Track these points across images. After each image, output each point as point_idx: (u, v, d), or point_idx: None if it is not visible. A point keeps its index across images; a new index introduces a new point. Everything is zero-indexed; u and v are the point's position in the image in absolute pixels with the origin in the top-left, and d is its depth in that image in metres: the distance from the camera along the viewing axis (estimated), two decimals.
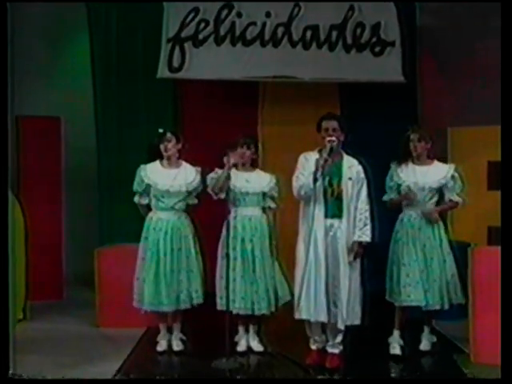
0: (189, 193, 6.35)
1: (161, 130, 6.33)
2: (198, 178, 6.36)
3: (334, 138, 5.98)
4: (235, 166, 6.20)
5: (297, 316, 6.00)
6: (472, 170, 7.38)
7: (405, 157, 6.32)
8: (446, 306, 6.21)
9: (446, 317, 6.49)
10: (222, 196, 6.15)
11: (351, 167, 6.06)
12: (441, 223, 6.28)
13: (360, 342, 6.19)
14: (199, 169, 6.38)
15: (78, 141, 8.43)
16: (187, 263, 6.28)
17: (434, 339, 6.39)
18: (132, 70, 8.15)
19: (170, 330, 6.41)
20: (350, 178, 6.01)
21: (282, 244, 6.41)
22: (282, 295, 6.27)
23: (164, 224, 6.27)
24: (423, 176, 6.27)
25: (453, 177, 6.29)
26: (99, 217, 8.19)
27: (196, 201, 6.40)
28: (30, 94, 7.53)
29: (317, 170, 5.86)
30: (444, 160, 6.99)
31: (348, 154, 6.14)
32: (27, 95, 6.65)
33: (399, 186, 6.30)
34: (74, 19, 8.38)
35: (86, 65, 8.34)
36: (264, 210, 6.36)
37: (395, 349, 6.28)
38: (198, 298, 6.29)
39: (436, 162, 6.35)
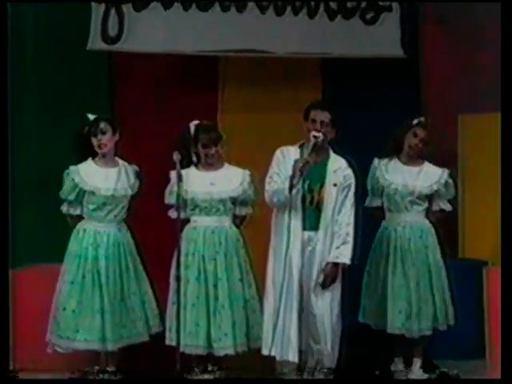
0: (132, 197, 6.39)
1: (91, 117, 6.30)
2: (137, 179, 6.40)
3: (320, 134, 5.94)
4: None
5: (264, 351, 6.06)
6: (488, 166, 7.31)
7: (395, 151, 6.43)
8: (442, 328, 6.41)
9: (453, 356, 6.60)
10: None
11: (337, 170, 6.08)
12: (433, 231, 6.44)
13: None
14: (137, 168, 6.42)
15: None
16: (135, 287, 6.35)
17: (425, 376, 6.46)
18: (54, 41, 7.72)
19: (103, 373, 6.39)
20: (335, 185, 6.04)
21: (258, 260, 6.42)
22: (257, 334, 6.17)
23: (104, 238, 6.29)
24: (413, 178, 6.44)
25: (446, 183, 6.51)
26: (12, 229, 7.63)
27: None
28: None
29: (294, 174, 5.86)
30: (454, 154, 7.22)
31: (336, 152, 6.15)
32: None
33: (383, 188, 6.45)
34: None
35: None
36: (234, 218, 6.35)
37: (397, 366, 6.46)
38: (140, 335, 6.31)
39: (427, 163, 6.51)
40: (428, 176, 6.45)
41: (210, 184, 6.21)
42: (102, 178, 6.26)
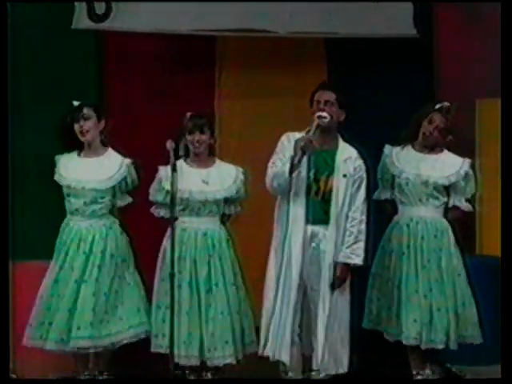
0: (113, 190, 6.26)
1: (75, 103, 6.26)
2: (124, 171, 6.23)
3: (324, 114, 5.86)
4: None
5: (260, 351, 6.01)
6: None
7: (409, 139, 6.26)
8: (453, 346, 6.12)
9: (467, 361, 6.48)
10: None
11: (347, 160, 5.98)
12: (450, 231, 6.21)
13: None
14: (129, 160, 6.24)
15: None
16: (124, 286, 6.26)
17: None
18: (44, 22, 7.59)
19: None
20: (345, 176, 5.94)
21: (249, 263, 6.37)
22: (250, 338, 6.13)
23: (79, 235, 6.20)
24: (429, 167, 6.21)
25: (466, 175, 6.25)
26: (11, 223, 7.37)
27: (128, 200, 6.32)
28: None
29: (295, 153, 5.78)
30: (470, 143, 7.06)
31: (346, 141, 6.09)
32: None
33: (394, 178, 6.28)
34: None
35: None
36: (222, 217, 6.28)
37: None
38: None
39: (446, 152, 6.29)
40: (446, 165, 6.19)
41: (202, 182, 6.08)
42: (77, 169, 6.19)
